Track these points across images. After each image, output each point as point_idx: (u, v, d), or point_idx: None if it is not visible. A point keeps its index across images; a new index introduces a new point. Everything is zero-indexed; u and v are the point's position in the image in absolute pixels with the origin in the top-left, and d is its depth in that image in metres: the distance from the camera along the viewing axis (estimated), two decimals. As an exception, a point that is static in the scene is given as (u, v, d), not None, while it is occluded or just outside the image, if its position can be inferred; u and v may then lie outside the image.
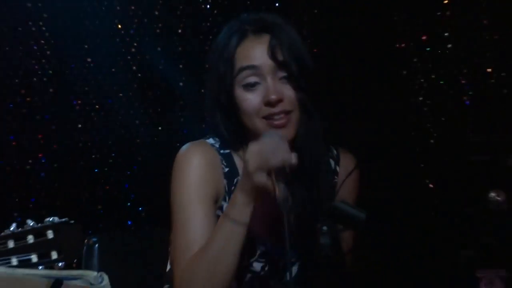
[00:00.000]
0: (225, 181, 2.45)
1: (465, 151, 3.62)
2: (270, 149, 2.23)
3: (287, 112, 2.37)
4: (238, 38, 2.41)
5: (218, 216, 2.40)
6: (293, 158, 2.23)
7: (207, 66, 2.51)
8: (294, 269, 2.48)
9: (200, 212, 2.39)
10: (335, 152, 2.58)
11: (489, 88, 3.63)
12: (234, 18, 2.49)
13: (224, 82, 2.40)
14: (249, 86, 2.38)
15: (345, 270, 2.45)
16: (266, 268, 2.47)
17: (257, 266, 2.47)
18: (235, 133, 2.44)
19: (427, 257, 3.67)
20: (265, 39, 2.41)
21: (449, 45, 3.69)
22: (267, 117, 2.36)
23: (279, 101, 2.36)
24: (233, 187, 2.44)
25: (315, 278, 2.46)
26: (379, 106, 3.72)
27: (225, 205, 2.43)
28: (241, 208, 2.28)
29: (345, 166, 2.56)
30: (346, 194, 2.48)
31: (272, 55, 2.38)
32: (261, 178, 2.22)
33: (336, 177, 2.57)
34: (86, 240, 2.90)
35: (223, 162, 2.46)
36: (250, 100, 2.38)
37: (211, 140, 2.48)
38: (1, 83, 3.75)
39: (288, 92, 2.38)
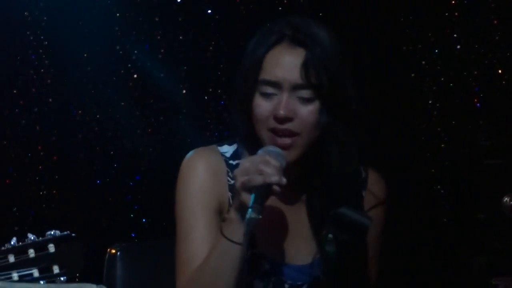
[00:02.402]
0: (229, 194, 2.37)
1: (477, 155, 3.63)
2: (256, 166, 2.18)
3: (293, 134, 2.28)
4: (272, 42, 2.32)
5: None
6: (279, 179, 2.15)
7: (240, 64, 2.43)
8: None
9: (202, 223, 2.35)
10: (363, 174, 2.44)
11: (500, 90, 3.66)
12: (277, 18, 2.39)
13: (247, 84, 2.32)
14: (266, 95, 2.29)
15: (352, 278, 2.38)
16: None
17: (258, 285, 2.37)
18: (252, 137, 2.36)
19: (440, 264, 3.68)
20: (299, 52, 2.30)
21: (458, 46, 3.71)
22: (273, 131, 2.29)
23: (287, 119, 2.26)
24: None
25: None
26: (387, 110, 3.74)
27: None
28: (235, 226, 2.22)
29: (373, 191, 2.43)
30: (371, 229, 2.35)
31: (300, 73, 2.28)
32: (245, 197, 2.17)
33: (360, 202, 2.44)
34: (108, 250, 2.92)
35: (229, 174, 2.38)
36: (262, 107, 2.29)
37: (224, 148, 2.42)
38: None
39: (302, 113, 2.26)
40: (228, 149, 2.39)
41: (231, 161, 2.38)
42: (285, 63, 2.27)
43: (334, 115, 2.27)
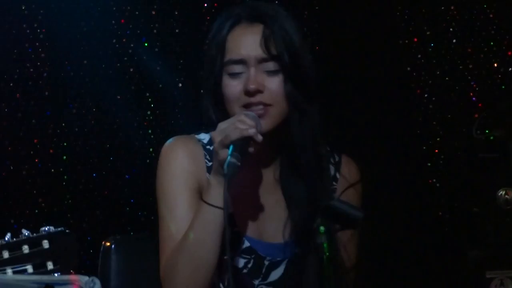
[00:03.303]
0: (207, 175, 2.47)
1: (472, 148, 3.63)
2: (232, 124, 2.29)
3: (265, 105, 2.40)
4: (230, 24, 2.45)
5: None
6: (255, 132, 2.27)
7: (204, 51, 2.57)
8: (281, 268, 2.50)
9: (183, 202, 2.45)
10: (337, 158, 2.59)
11: (496, 83, 3.66)
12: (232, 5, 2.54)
13: (214, 69, 2.46)
14: (234, 75, 2.43)
15: (342, 270, 2.48)
16: (249, 265, 2.48)
17: (239, 262, 2.48)
18: (223, 119, 2.48)
19: (435, 258, 3.70)
20: (258, 29, 2.43)
21: (454, 40, 3.71)
22: (246, 106, 2.40)
23: (258, 91, 2.38)
24: None
25: (305, 278, 2.49)
26: (383, 104, 3.74)
27: None
28: (215, 190, 2.32)
29: (346, 174, 2.57)
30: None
31: (261, 47, 2.42)
32: (223, 154, 2.27)
33: (335, 183, 2.56)
34: (103, 242, 2.97)
35: (207, 156, 2.50)
36: (232, 86, 2.41)
37: (201, 136, 2.53)
38: None
39: (270, 85, 2.41)
40: (205, 136, 2.52)
41: (208, 147, 2.50)
42: (247, 40, 2.41)
43: (296, 85, 2.40)
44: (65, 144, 3.83)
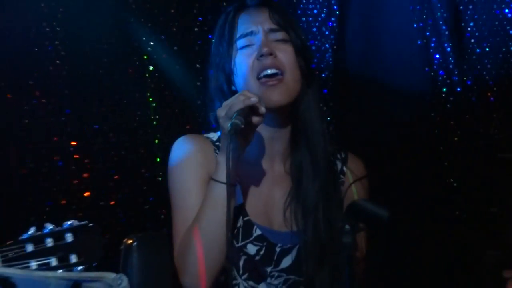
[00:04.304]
0: None
1: (490, 148, 3.65)
2: (235, 98, 2.43)
3: (279, 70, 2.56)
4: (237, 9, 2.68)
5: None
6: (257, 100, 2.41)
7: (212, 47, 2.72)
8: (292, 254, 2.62)
9: (194, 190, 2.61)
10: (343, 154, 2.73)
11: None
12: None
13: (228, 50, 2.63)
14: (246, 47, 2.61)
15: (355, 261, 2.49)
16: (261, 253, 2.60)
17: (251, 249, 2.61)
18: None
19: (452, 257, 3.69)
20: (264, 10, 2.66)
21: (472, 40, 3.71)
22: (261, 78, 2.55)
23: (270, 54, 2.57)
24: None
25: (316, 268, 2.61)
26: (401, 104, 3.75)
27: None
28: (223, 168, 2.42)
29: (353, 169, 2.71)
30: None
31: (270, 19, 2.63)
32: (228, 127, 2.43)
33: (342, 176, 2.69)
34: (124, 240, 3.02)
35: (216, 151, 2.66)
36: (245, 57, 2.60)
37: (210, 135, 2.71)
38: (15, 85, 3.77)
39: (282, 51, 2.59)
40: (213, 135, 2.71)
41: (217, 143, 2.66)
42: (256, 16, 2.64)
43: (303, 56, 2.61)
44: (85, 142, 3.84)
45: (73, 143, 3.84)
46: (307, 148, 2.62)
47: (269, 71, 2.55)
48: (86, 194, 3.84)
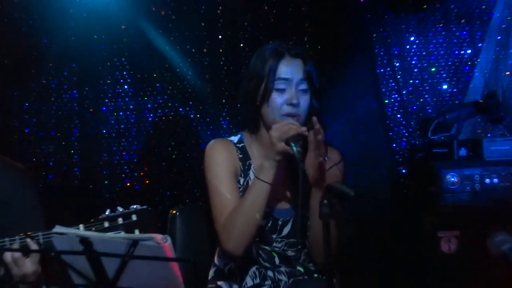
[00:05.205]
0: (240, 164, 3.07)
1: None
2: (286, 125, 2.84)
3: (296, 115, 2.97)
4: (278, 57, 3.01)
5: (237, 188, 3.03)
6: (304, 129, 2.85)
7: (243, 75, 3.08)
8: (289, 225, 3.06)
9: (227, 180, 2.99)
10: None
11: None
12: (266, 44, 3.07)
13: (265, 86, 2.99)
14: (280, 90, 2.99)
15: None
16: (269, 224, 3.06)
17: (263, 222, 3.03)
18: (257, 124, 3.06)
19: (398, 223, 4.08)
20: (298, 61, 3.01)
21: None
22: (287, 115, 2.96)
23: (298, 104, 2.98)
24: (245, 167, 3.09)
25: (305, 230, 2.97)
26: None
27: (241, 180, 3.08)
28: (267, 172, 2.89)
29: (332, 158, 3.12)
30: (334, 179, 2.98)
31: (302, 73, 2.99)
32: (281, 146, 2.85)
33: None
34: (170, 211, 3.30)
35: (238, 151, 3.08)
36: (278, 99, 2.99)
37: (231, 138, 3.13)
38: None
39: (303, 100, 3.00)
40: (234, 138, 3.14)
41: (237, 145, 3.11)
42: (293, 67, 3.02)
43: (316, 99, 3.01)
44: (144, 136, 4.19)
45: (130, 140, 4.20)
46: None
47: (291, 112, 2.96)
48: (147, 181, 4.29)
